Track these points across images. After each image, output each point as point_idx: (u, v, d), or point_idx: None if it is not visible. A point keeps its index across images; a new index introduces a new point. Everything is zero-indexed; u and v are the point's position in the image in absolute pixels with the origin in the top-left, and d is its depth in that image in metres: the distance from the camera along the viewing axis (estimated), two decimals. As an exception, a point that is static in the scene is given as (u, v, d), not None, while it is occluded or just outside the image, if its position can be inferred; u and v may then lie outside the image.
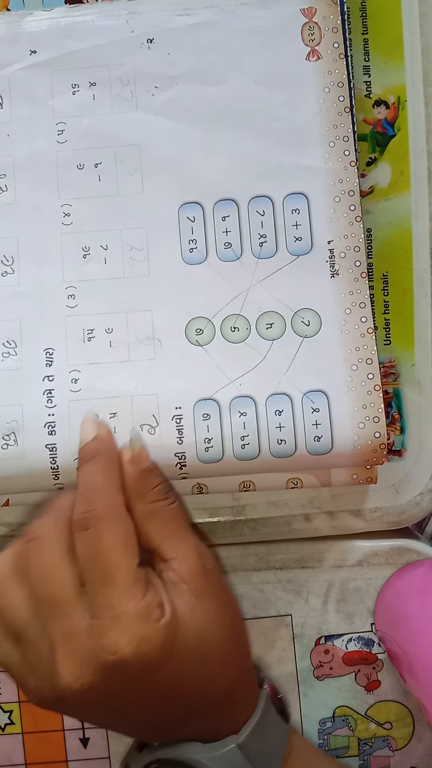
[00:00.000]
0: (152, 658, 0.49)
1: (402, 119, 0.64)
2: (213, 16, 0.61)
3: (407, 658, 0.62)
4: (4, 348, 0.62)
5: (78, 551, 0.51)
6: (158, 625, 0.49)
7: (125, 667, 0.49)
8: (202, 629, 0.52)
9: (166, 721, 0.54)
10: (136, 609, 0.49)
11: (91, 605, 0.50)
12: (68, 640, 0.50)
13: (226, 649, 0.54)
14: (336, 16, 0.60)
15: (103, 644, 0.49)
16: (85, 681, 0.49)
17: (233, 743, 0.54)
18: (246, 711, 0.56)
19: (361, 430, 0.61)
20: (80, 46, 0.61)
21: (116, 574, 0.50)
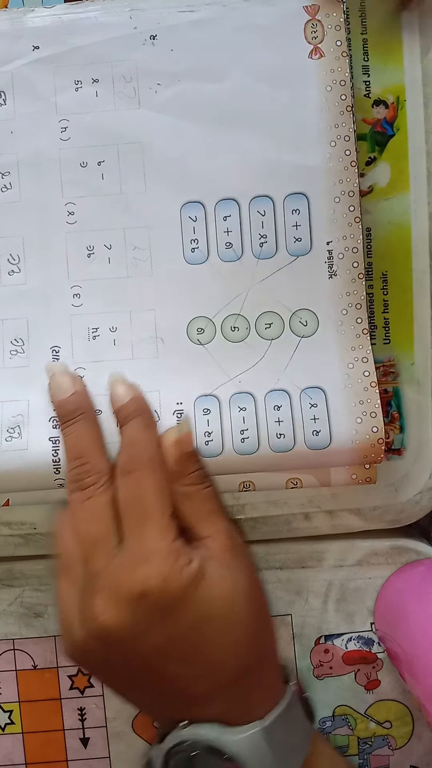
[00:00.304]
0: (175, 596, 0.52)
1: (401, 119, 0.64)
2: (216, 13, 0.61)
3: (407, 658, 0.62)
4: (12, 346, 0.62)
5: (119, 494, 0.55)
6: (185, 570, 0.52)
7: (150, 601, 0.52)
8: (229, 597, 0.54)
9: (189, 687, 0.54)
10: (166, 548, 0.53)
11: (126, 544, 0.54)
12: (103, 576, 0.53)
13: (252, 626, 0.55)
14: (339, 14, 0.60)
15: (133, 577, 0.52)
16: (116, 616, 0.52)
17: (257, 727, 0.55)
18: (270, 699, 0.56)
19: (359, 425, 0.61)
20: (83, 42, 0.61)
21: (152, 516, 0.53)
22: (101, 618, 0.52)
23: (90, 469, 0.56)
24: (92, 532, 0.54)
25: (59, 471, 0.60)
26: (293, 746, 0.57)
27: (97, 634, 0.53)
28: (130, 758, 0.69)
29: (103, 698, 0.69)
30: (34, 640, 0.68)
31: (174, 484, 0.55)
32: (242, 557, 0.56)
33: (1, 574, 0.68)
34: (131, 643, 0.53)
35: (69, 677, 0.68)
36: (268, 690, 0.57)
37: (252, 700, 0.56)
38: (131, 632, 0.52)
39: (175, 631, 0.53)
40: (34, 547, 0.67)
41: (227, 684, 0.55)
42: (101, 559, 0.53)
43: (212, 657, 0.54)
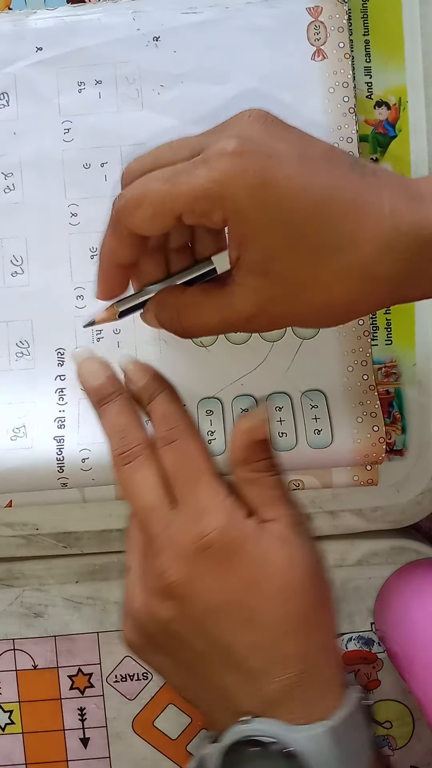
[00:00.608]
0: (235, 545, 0.52)
1: (403, 120, 0.64)
2: (218, 15, 0.61)
3: (407, 658, 0.62)
4: (18, 348, 0.62)
5: (166, 461, 0.54)
6: (243, 523, 0.52)
7: (212, 552, 0.51)
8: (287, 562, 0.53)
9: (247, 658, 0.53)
10: (221, 502, 0.52)
11: (181, 504, 0.53)
12: (163, 537, 0.53)
13: (310, 600, 0.54)
14: (342, 16, 0.60)
15: (194, 532, 0.52)
16: (181, 570, 0.52)
17: (325, 727, 0.52)
18: (334, 699, 0.54)
19: (360, 424, 0.62)
20: (86, 44, 0.61)
21: (203, 475, 0.54)
22: (166, 574, 0.52)
23: (133, 440, 0.55)
24: (146, 502, 0.54)
25: (63, 470, 0.60)
26: (356, 752, 0.54)
27: (161, 594, 0.53)
28: (130, 758, 0.69)
29: (103, 698, 0.69)
30: (34, 640, 0.68)
31: (239, 468, 0.55)
32: (308, 542, 0.55)
33: (2, 574, 0.68)
34: (191, 603, 0.52)
35: (69, 677, 0.68)
36: (331, 687, 0.54)
37: (313, 690, 0.53)
38: (191, 589, 0.52)
39: (231, 590, 0.52)
40: (36, 548, 0.67)
41: (284, 661, 0.53)
42: (158, 524, 0.53)
43: (267, 625, 0.52)
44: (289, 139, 0.49)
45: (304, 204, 0.48)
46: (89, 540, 0.67)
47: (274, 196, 0.47)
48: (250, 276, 0.50)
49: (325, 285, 0.50)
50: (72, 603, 0.68)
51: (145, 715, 0.69)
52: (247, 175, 0.47)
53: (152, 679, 0.68)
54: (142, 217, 0.50)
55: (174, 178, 0.48)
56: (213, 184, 0.47)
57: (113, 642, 0.68)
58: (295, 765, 0.52)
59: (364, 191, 0.49)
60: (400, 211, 0.48)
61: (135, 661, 0.68)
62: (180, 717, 0.69)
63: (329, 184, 0.48)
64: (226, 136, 0.48)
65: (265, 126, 0.49)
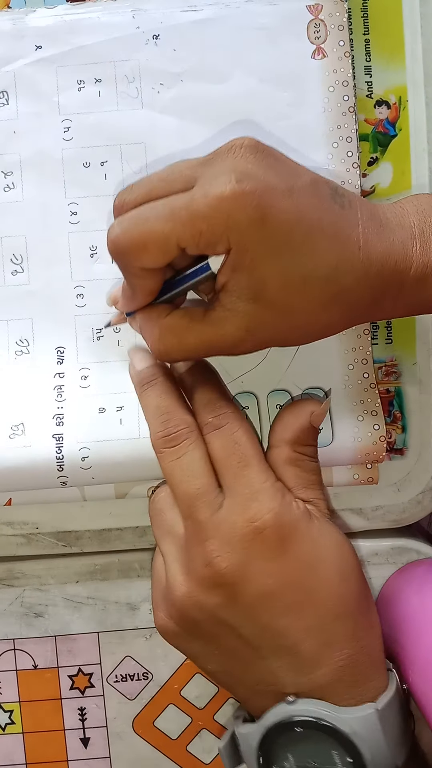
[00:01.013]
0: (289, 529, 0.53)
1: (403, 119, 0.64)
2: (218, 13, 0.61)
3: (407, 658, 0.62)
4: (17, 346, 0.62)
5: (213, 447, 0.55)
6: (294, 506, 0.54)
7: (265, 536, 0.52)
8: (340, 541, 0.55)
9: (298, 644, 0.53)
10: (272, 487, 0.53)
11: (229, 489, 0.54)
12: (212, 524, 0.53)
13: (361, 579, 0.56)
14: (342, 14, 0.60)
15: (246, 516, 0.52)
16: (232, 556, 0.52)
17: (372, 709, 0.54)
18: (379, 681, 0.55)
19: (360, 423, 0.62)
20: (86, 42, 0.61)
21: (252, 459, 0.54)
22: (216, 560, 0.52)
23: (178, 422, 0.55)
24: (193, 487, 0.54)
25: (62, 468, 0.60)
26: (402, 734, 0.56)
27: (209, 581, 0.53)
28: (131, 758, 0.69)
29: (103, 698, 0.69)
30: (35, 640, 0.68)
31: (287, 447, 0.56)
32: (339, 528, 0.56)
33: (2, 573, 0.68)
34: (243, 587, 0.53)
35: (69, 677, 0.68)
36: (376, 666, 0.55)
37: (361, 672, 0.54)
38: (244, 574, 0.52)
39: (287, 573, 0.53)
40: (36, 547, 0.67)
41: (337, 643, 0.54)
42: (206, 511, 0.53)
43: (324, 607, 0.53)
44: (279, 170, 0.51)
45: (297, 236, 0.50)
46: (89, 539, 0.67)
47: (271, 228, 0.49)
48: (240, 301, 0.51)
49: (310, 311, 0.52)
50: (72, 603, 0.68)
51: (145, 715, 0.69)
52: (248, 210, 0.48)
53: (152, 679, 0.68)
54: (149, 257, 0.51)
55: (173, 216, 0.50)
56: (217, 219, 0.49)
57: (113, 642, 0.68)
58: (342, 747, 0.53)
59: (343, 224, 0.51)
60: (372, 243, 0.52)
61: (135, 661, 0.68)
62: (180, 717, 0.69)
63: (316, 217, 0.50)
64: (223, 170, 0.49)
65: (257, 158, 0.50)
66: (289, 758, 0.55)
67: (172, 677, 0.68)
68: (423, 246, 0.53)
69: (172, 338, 0.53)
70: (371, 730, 0.53)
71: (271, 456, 0.56)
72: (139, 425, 0.61)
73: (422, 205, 0.55)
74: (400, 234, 0.53)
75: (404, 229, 0.53)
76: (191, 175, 0.51)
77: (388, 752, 0.54)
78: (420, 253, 0.53)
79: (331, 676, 0.54)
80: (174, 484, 0.55)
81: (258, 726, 0.55)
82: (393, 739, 0.54)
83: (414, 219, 0.54)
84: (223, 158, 0.50)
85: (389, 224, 0.53)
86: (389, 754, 0.54)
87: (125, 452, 0.60)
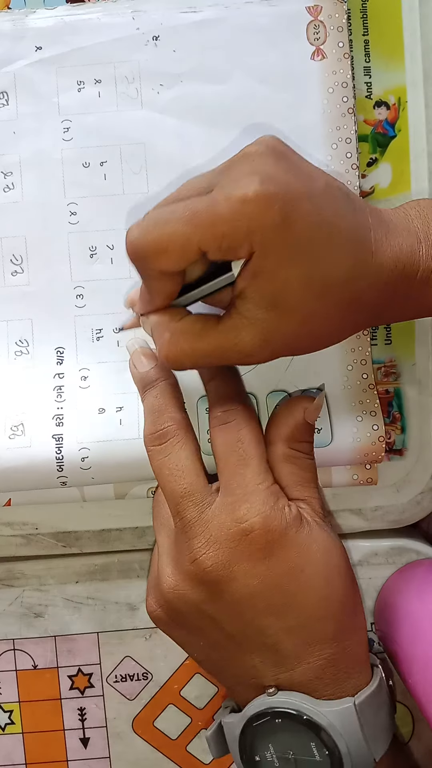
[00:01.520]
0: (276, 534, 0.53)
1: (402, 120, 0.64)
2: (218, 14, 0.61)
3: (407, 658, 0.62)
4: (17, 347, 0.62)
5: (216, 441, 0.55)
6: (285, 510, 0.53)
7: (252, 538, 0.52)
8: (327, 548, 0.55)
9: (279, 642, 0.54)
10: (266, 490, 0.53)
11: (224, 487, 0.54)
12: (200, 522, 0.54)
13: (347, 582, 0.56)
14: (341, 15, 0.60)
15: (235, 516, 0.53)
16: (217, 554, 0.53)
17: (350, 703, 0.54)
18: (360, 676, 0.56)
19: (360, 423, 0.62)
20: (86, 43, 0.61)
21: (252, 460, 0.54)
22: (202, 558, 0.53)
23: (166, 420, 0.56)
24: (179, 487, 0.54)
25: (62, 468, 0.60)
26: (381, 729, 0.56)
27: (194, 577, 0.54)
28: (130, 758, 0.69)
29: (103, 698, 0.69)
30: (34, 640, 0.68)
31: (282, 443, 0.56)
32: (330, 528, 0.57)
33: (2, 574, 0.68)
34: (227, 584, 0.53)
35: (69, 677, 0.68)
36: (357, 665, 0.56)
37: (341, 670, 0.55)
38: (229, 573, 0.53)
39: (272, 575, 0.53)
40: (36, 548, 0.67)
41: (318, 644, 0.54)
42: (193, 510, 0.54)
43: (306, 610, 0.54)
44: (298, 174, 0.50)
45: (317, 241, 0.49)
46: (89, 539, 0.67)
47: (294, 232, 0.49)
48: (258, 309, 0.50)
49: (327, 317, 0.52)
50: (72, 603, 0.68)
51: (145, 715, 0.69)
52: (272, 213, 0.48)
53: (152, 679, 0.68)
54: (168, 261, 0.50)
55: (194, 218, 0.49)
56: (240, 222, 0.48)
57: (113, 642, 0.68)
58: (319, 739, 0.54)
59: (356, 228, 0.51)
60: (382, 248, 0.52)
61: (135, 661, 0.68)
62: (180, 717, 0.69)
63: (332, 222, 0.50)
64: (244, 173, 0.49)
65: (277, 161, 0.50)
66: (269, 748, 0.56)
67: (171, 677, 0.68)
68: (428, 250, 0.53)
69: (183, 343, 0.53)
70: (348, 724, 0.54)
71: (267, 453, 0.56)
72: (139, 426, 0.61)
73: (424, 210, 0.55)
74: (407, 239, 0.53)
75: (410, 234, 0.53)
76: (206, 185, 0.51)
77: (365, 746, 0.55)
78: (426, 257, 0.53)
79: (311, 674, 0.55)
80: (162, 483, 0.55)
81: (240, 716, 0.56)
82: (371, 733, 0.55)
83: (418, 223, 0.54)
84: (243, 162, 0.50)
85: (396, 229, 0.53)
86: (366, 748, 0.55)
87: (125, 452, 0.60)
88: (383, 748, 0.56)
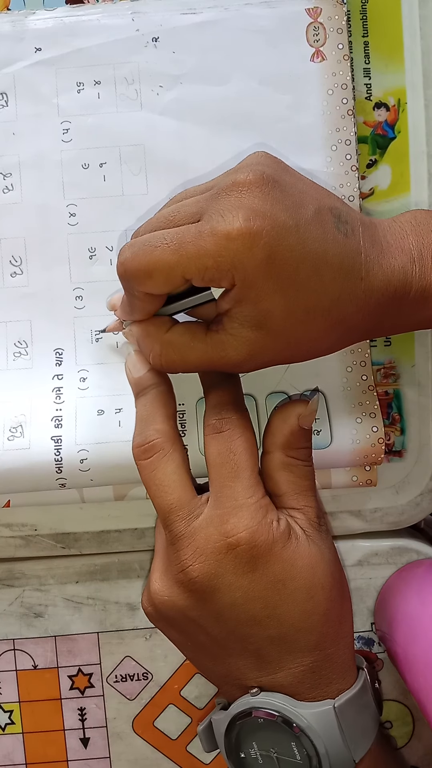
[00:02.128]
0: (262, 550, 0.53)
1: (402, 121, 0.64)
2: (217, 15, 0.61)
3: (407, 658, 0.62)
4: (16, 348, 0.62)
5: (209, 450, 0.55)
6: (273, 526, 0.53)
7: (238, 553, 0.53)
8: (313, 562, 0.55)
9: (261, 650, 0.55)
10: (256, 504, 0.53)
11: (214, 498, 0.54)
12: (187, 535, 0.54)
13: (332, 596, 0.56)
14: (341, 17, 0.60)
15: (223, 529, 0.53)
16: (203, 566, 0.53)
17: (329, 705, 0.55)
18: (343, 680, 0.57)
19: (359, 425, 0.62)
20: (85, 44, 0.61)
21: (243, 472, 0.54)
22: (189, 569, 0.53)
23: (152, 433, 0.56)
24: (166, 502, 0.55)
25: (61, 470, 0.60)
26: (362, 731, 0.57)
27: (181, 585, 0.54)
28: (131, 758, 0.69)
29: (103, 698, 0.69)
30: (35, 640, 0.68)
31: (279, 451, 0.56)
32: (326, 537, 0.57)
33: (2, 574, 0.68)
34: (211, 595, 0.54)
35: (69, 677, 0.69)
36: (341, 670, 0.57)
37: (324, 675, 0.56)
38: (214, 584, 0.53)
39: (255, 589, 0.53)
40: (35, 549, 0.67)
41: (300, 652, 0.55)
42: (180, 524, 0.54)
43: (287, 621, 0.54)
44: (286, 204, 0.51)
45: (303, 272, 0.50)
46: (88, 541, 0.67)
47: (278, 266, 0.50)
48: (243, 328, 0.52)
49: (312, 338, 0.53)
50: (72, 603, 0.68)
51: (145, 715, 0.69)
52: (256, 250, 0.49)
53: (152, 679, 0.69)
54: (153, 285, 0.52)
55: (180, 249, 0.50)
56: (223, 258, 0.49)
57: (113, 642, 0.68)
58: (298, 738, 0.55)
59: (347, 255, 0.52)
60: (374, 272, 0.53)
61: (135, 661, 0.68)
62: (180, 717, 0.69)
63: (321, 251, 0.51)
64: (230, 207, 0.50)
65: (264, 193, 0.50)
66: (253, 745, 0.57)
67: (171, 677, 0.68)
68: (421, 269, 0.53)
69: (174, 354, 0.54)
70: (327, 726, 0.55)
71: (264, 462, 0.57)
72: (138, 427, 0.61)
73: (420, 225, 0.55)
74: (401, 259, 0.53)
75: (404, 253, 0.54)
76: (197, 212, 0.52)
77: (344, 747, 0.55)
78: (419, 277, 0.53)
79: (293, 678, 0.56)
80: (150, 497, 0.56)
81: (226, 714, 0.57)
82: (351, 735, 0.56)
83: (413, 241, 0.54)
84: (231, 193, 0.51)
85: (390, 249, 0.54)
86: (346, 750, 0.55)
87: (124, 454, 0.60)
88: (364, 749, 0.57)
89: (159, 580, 0.56)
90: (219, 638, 0.55)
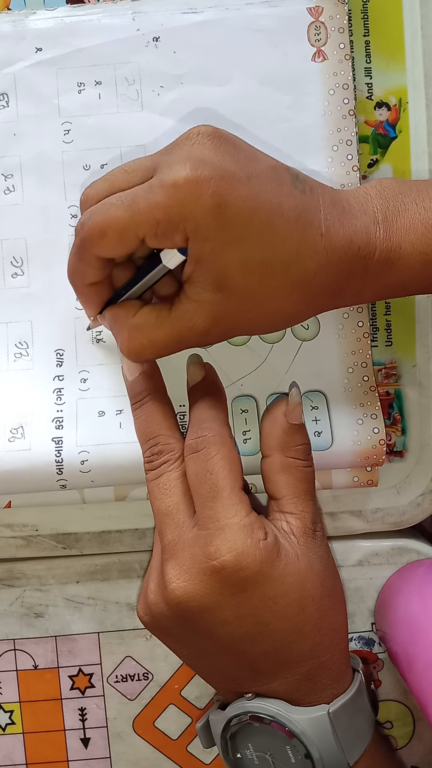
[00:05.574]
0: (249, 571, 0.52)
1: (403, 121, 0.64)
2: (218, 15, 0.61)
3: (407, 658, 0.62)
4: (17, 349, 0.62)
5: (189, 471, 0.55)
6: (260, 544, 0.53)
7: (224, 575, 0.52)
8: (303, 576, 0.54)
9: (255, 663, 0.55)
10: (239, 523, 0.53)
11: (198, 519, 0.54)
12: (176, 547, 0.54)
13: (323, 606, 0.55)
14: (342, 16, 0.60)
15: (206, 551, 0.52)
16: (187, 586, 0.53)
17: (324, 710, 0.55)
18: (338, 685, 0.57)
19: (360, 426, 0.62)
20: (86, 44, 0.61)
21: (222, 491, 0.54)
22: (171, 586, 0.53)
23: (162, 449, 0.56)
24: (164, 504, 0.55)
25: (62, 472, 0.60)
26: (356, 734, 0.57)
27: (167, 601, 0.54)
28: (131, 758, 0.69)
29: (103, 698, 0.69)
30: (35, 640, 0.68)
31: (277, 452, 0.56)
32: (321, 542, 0.57)
33: (2, 574, 0.68)
34: (199, 614, 0.53)
35: (69, 677, 0.69)
36: (336, 675, 0.57)
37: (318, 682, 0.56)
38: (201, 604, 0.53)
39: (245, 608, 0.53)
40: (36, 549, 0.67)
41: (294, 663, 0.55)
42: (172, 531, 0.54)
43: (280, 635, 0.54)
44: (237, 157, 0.51)
45: (256, 223, 0.50)
46: (89, 541, 0.67)
47: (229, 216, 0.50)
48: (205, 291, 0.52)
49: (274, 297, 0.53)
50: (73, 603, 0.68)
51: (145, 716, 0.69)
52: (204, 198, 0.49)
53: (153, 679, 0.69)
54: (107, 245, 0.52)
55: (133, 205, 0.50)
56: (173, 209, 0.49)
57: (114, 642, 0.68)
58: (293, 743, 0.56)
59: (304, 210, 0.52)
60: (334, 229, 0.52)
61: (135, 661, 0.68)
62: (181, 717, 0.69)
63: (275, 203, 0.51)
64: (179, 158, 0.50)
65: (215, 145, 0.51)
66: (249, 747, 0.58)
67: (172, 677, 0.68)
68: (386, 231, 0.53)
69: (141, 337, 0.54)
70: (321, 731, 0.55)
71: (263, 466, 0.57)
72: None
73: (385, 189, 0.55)
74: (363, 220, 0.53)
75: (367, 215, 0.53)
76: (150, 165, 0.52)
77: (338, 752, 0.56)
78: (383, 239, 0.53)
79: (287, 686, 0.56)
80: (151, 501, 0.56)
81: (222, 715, 0.58)
82: (346, 739, 0.56)
83: (377, 204, 0.54)
84: (181, 146, 0.51)
85: (352, 210, 0.53)
86: (340, 754, 0.56)
87: (124, 455, 0.60)
88: (359, 752, 0.57)
89: (152, 592, 0.55)
90: (212, 652, 0.56)
